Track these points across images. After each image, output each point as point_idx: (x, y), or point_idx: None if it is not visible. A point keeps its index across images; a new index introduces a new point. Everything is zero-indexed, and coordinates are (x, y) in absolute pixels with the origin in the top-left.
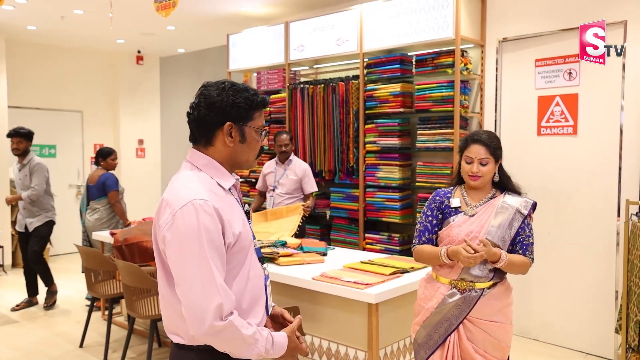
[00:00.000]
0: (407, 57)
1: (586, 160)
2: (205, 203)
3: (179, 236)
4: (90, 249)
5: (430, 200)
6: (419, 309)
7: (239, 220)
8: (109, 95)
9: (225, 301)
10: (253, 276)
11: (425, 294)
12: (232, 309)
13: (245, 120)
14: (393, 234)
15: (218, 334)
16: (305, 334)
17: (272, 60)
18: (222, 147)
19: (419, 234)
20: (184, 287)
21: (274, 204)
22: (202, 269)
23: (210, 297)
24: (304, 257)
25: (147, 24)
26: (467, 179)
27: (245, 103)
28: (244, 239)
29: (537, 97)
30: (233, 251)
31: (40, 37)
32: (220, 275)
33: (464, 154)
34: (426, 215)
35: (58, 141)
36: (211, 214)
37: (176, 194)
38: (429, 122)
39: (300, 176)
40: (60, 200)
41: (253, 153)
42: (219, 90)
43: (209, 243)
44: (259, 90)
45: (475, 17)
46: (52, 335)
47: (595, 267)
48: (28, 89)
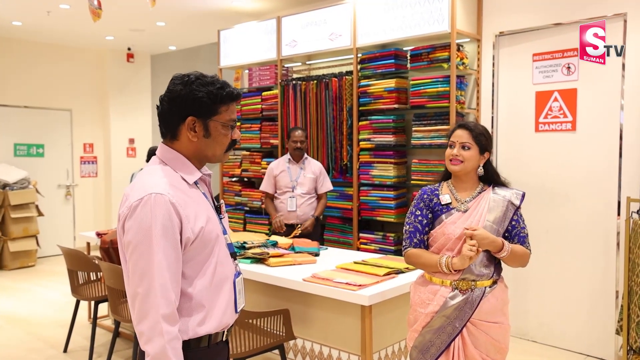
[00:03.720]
0: (402, 52)
1: (585, 157)
2: (161, 197)
3: (133, 229)
4: (73, 250)
5: (417, 199)
6: (416, 315)
7: (202, 215)
8: (98, 93)
9: (165, 309)
10: (220, 273)
11: (422, 298)
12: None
13: (209, 114)
14: (388, 233)
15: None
16: (296, 337)
17: (264, 56)
18: (187, 142)
19: (409, 236)
20: (132, 280)
21: (297, 205)
22: (151, 263)
23: (153, 299)
24: (295, 258)
25: (135, 19)
26: (448, 165)
27: (208, 97)
28: (207, 234)
29: (535, 92)
30: (194, 246)
31: (27, 34)
32: (171, 271)
33: (450, 139)
34: (415, 216)
35: (46, 140)
36: (166, 208)
37: (135, 188)
38: (424, 118)
39: (316, 175)
40: (49, 200)
41: (220, 147)
42: (182, 84)
43: (163, 237)
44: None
45: (472, 10)
46: (35, 339)
47: (594, 267)
48: (15, 86)
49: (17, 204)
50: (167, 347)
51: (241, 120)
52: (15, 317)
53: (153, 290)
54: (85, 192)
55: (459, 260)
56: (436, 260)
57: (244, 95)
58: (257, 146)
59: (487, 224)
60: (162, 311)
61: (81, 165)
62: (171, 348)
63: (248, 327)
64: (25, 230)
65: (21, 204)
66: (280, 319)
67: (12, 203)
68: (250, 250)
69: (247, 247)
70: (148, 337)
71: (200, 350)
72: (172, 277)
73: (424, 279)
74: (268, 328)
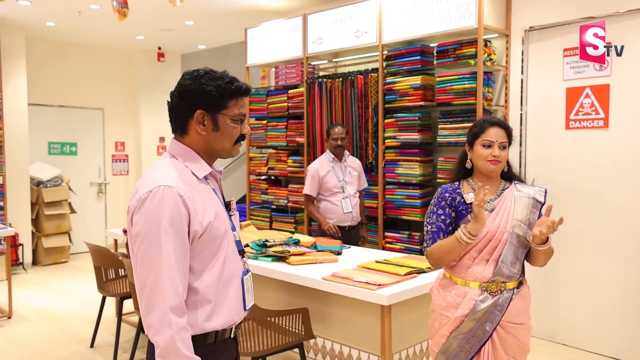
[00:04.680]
0: (428, 48)
1: (618, 155)
2: (170, 189)
3: (142, 221)
4: (99, 247)
5: (438, 198)
6: (441, 320)
7: (211, 210)
8: (130, 92)
9: (173, 300)
10: (228, 269)
11: (449, 302)
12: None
13: (217, 108)
14: (413, 232)
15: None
16: (316, 336)
17: (290, 54)
18: (196, 136)
19: (432, 236)
20: (140, 271)
21: (352, 206)
22: (159, 255)
23: (161, 290)
24: (316, 256)
25: (165, 19)
26: (484, 165)
27: (216, 91)
28: (216, 229)
29: (566, 88)
30: (202, 240)
31: (60, 34)
32: (179, 263)
33: (481, 138)
34: (437, 215)
35: (79, 139)
36: (175, 200)
37: (145, 181)
38: (450, 115)
39: (359, 171)
40: (81, 198)
41: (229, 141)
42: (192, 79)
43: (171, 229)
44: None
45: (500, 5)
46: (64, 335)
47: (626, 268)
48: (48, 86)
49: (51, 202)
50: (176, 337)
51: (268, 118)
52: (47, 312)
53: (161, 282)
54: (116, 189)
55: (474, 224)
56: (454, 239)
57: (270, 94)
58: (283, 144)
59: (515, 222)
60: (170, 302)
61: (113, 164)
62: (180, 339)
63: (267, 325)
64: (58, 227)
65: (54, 201)
66: (300, 318)
67: (45, 200)
68: (271, 248)
69: (268, 245)
70: (157, 329)
71: (207, 346)
72: (180, 269)
73: (448, 281)
74: (287, 326)
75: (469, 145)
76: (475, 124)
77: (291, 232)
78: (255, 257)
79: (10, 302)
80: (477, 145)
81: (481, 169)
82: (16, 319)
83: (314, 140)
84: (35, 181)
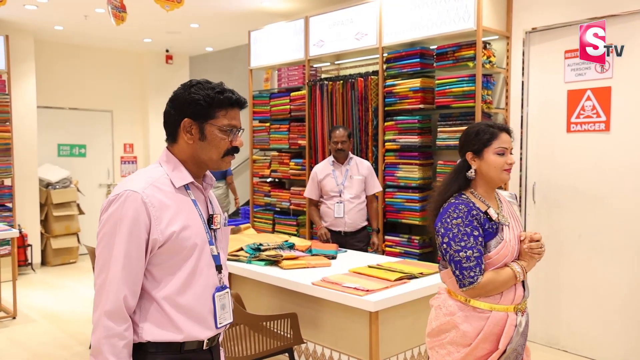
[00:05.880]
0: (428, 50)
1: (619, 158)
2: (134, 194)
3: (103, 222)
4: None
5: (466, 216)
6: (478, 352)
7: (179, 220)
8: (138, 94)
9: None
10: (197, 283)
11: (490, 331)
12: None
13: (205, 117)
14: (413, 236)
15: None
16: (306, 341)
17: (293, 56)
18: (184, 145)
19: (476, 263)
20: (95, 271)
21: (345, 212)
22: (109, 257)
23: (103, 292)
24: (309, 261)
25: (170, 22)
26: (499, 175)
27: (204, 100)
28: (182, 240)
29: (567, 91)
30: (164, 250)
31: (68, 37)
32: (127, 268)
33: (494, 145)
34: (474, 237)
35: (88, 141)
36: (136, 206)
37: (120, 184)
38: (449, 118)
39: (365, 175)
40: (90, 199)
41: (216, 152)
42: (183, 87)
43: (127, 234)
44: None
45: (501, 7)
46: (66, 336)
47: (629, 273)
48: (58, 88)
49: (59, 203)
50: (103, 341)
51: (270, 121)
52: (51, 312)
53: (106, 284)
54: None
55: (529, 263)
56: (511, 273)
57: (273, 96)
58: (285, 147)
59: None
60: (107, 307)
61: (121, 165)
62: (108, 344)
63: (256, 329)
64: (67, 228)
65: (63, 202)
66: (288, 323)
67: (54, 202)
68: (264, 252)
69: (262, 249)
70: (93, 328)
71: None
72: (129, 274)
73: (469, 306)
74: (276, 331)
75: (475, 153)
76: (479, 130)
77: (294, 234)
78: (248, 261)
79: (14, 303)
80: (489, 154)
81: (495, 179)
82: (21, 319)
83: (315, 143)
84: (44, 183)
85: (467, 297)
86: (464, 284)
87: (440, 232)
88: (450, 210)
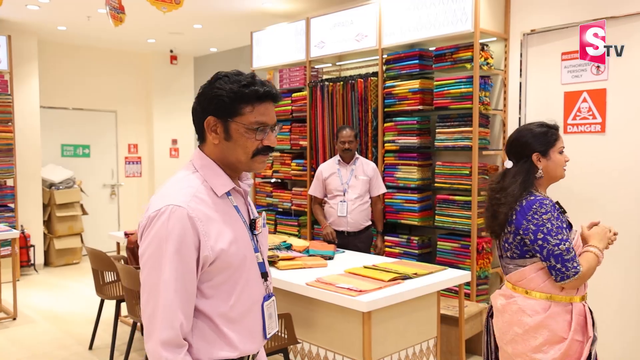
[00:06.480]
0: (427, 52)
1: (615, 160)
2: (179, 209)
3: (147, 241)
4: (95, 250)
5: (552, 211)
6: (575, 346)
7: (227, 234)
8: (143, 95)
9: (166, 334)
10: (246, 297)
11: (576, 325)
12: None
13: (229, 114)
14: (412, 237)
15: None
16: (301, 341)
17: (294, 57)
18: (212, 145)
19: (574, 255)
20: (142, 296)
21: (349, 211)
22: (158, 281)
23: (155, 321)
24: (305, 261)
25: (173, 23)
26: (561, 172)
27: (228, 95)
28: (231, 257)
29: (564, 92)
30: (214, 267)
31: (72, 38)
32: (180, 292)
33: (557, 145)
34: (564, 230)
35: (92, 141)
36: (183, 222)
37: (158, 197)
38: (447, 119)
39: (370, 176)
40: (94, 199)
41: (244, 152)
42: (209, 82)
43: (175, 254)
44: (281, 87)
45: (499, 9)
46: (65, 336)
47: (625, 275)
48: (61, 89)
49: (63, 203)
50: None
51: None
52: (52, 313)
53: (157, 312)
54: (129, 191)
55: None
56: (595, 257)
57: None
58: (287, 147)
59: None
60: (162, 336)
61: (126, 166)
62: None
63: None
64: (70, 228)
65: (66, 203)
66: (282, 323)
67: (57, 202)
68: (264, 264)
69: None
70: (150, 358)
71: None
72: (182, 298)
73: (553, 302)
74: None
75: (542, 154)
76: (544, 132)
77: (295, 235)
78: None
79: (15, 304)
80: (555, 153)
81: (558, 177)
82: (21, 320)
83: (316, 144)
84: (48, 183)
85: (551, 294)
86: (568, 276)
87: (530, 229)
88: (535, 207)
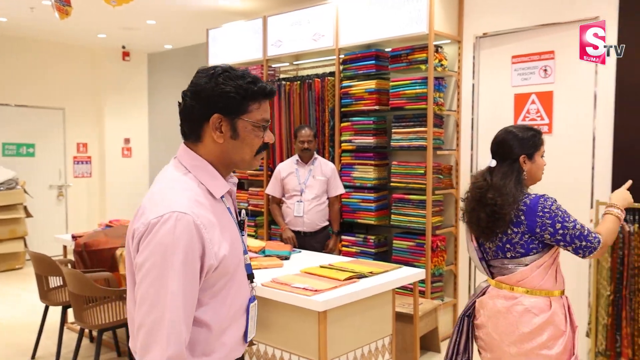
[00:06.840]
0: (383, 52)
1: (561, 160)
2: (185, 217)
3: (148, 251)
4: (39, 254)
5: (552, 201)
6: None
7: (227, 238)
8: (93, 92)
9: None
10: (237, 301)
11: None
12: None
13: (237, 112)
14: (369, 236)
15: None
16: (256, 342)
17: (252, 56)
18: (212, 144)
19: (588, 229)
20: (140, 308)
21: (305, 211)
22: (164, 294)
23: (160, 335)
24: (261, 262)
25: (125, 18)
26: (540, 176)
27: (237, 92)
28: (230, 261)
29: (514, 94)
30: (215, 274)
31: (14, 30)
32: (186, 305)
33: (542, 149)
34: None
35: (37, 140)
36: (190, 231)
37: (155, 201)
38: (403, 120)
39: (328, 176)
40: (40, 201)
41: (249, 150)
42: (207, 77)
43: (182, 265)
44: None
45: (452, 12)
46: (6, 346)
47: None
48: (4, 84)
49: (4, 205)
50: None
51: None
52: None
53: (162, 325)
54: (78, 192)
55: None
56: (614, 218)
57: None
58: (268, 145)
59: None
60: (169, 351)
61: (74, 166)
62: None
63: None
64: (12, 232)
65: (8, 205)
66: None
67: None
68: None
69: None
70: None
71: None
72: (186, 312)
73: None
74: None
75: (529, 157)
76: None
77: (252, 235)
78: None
79: None
80: (538, 157)
81: (537, 179)
82: None
83: (273, 144)
84: None
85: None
86: (594, 248)
87: (547, 223)
88: (541, 202)
